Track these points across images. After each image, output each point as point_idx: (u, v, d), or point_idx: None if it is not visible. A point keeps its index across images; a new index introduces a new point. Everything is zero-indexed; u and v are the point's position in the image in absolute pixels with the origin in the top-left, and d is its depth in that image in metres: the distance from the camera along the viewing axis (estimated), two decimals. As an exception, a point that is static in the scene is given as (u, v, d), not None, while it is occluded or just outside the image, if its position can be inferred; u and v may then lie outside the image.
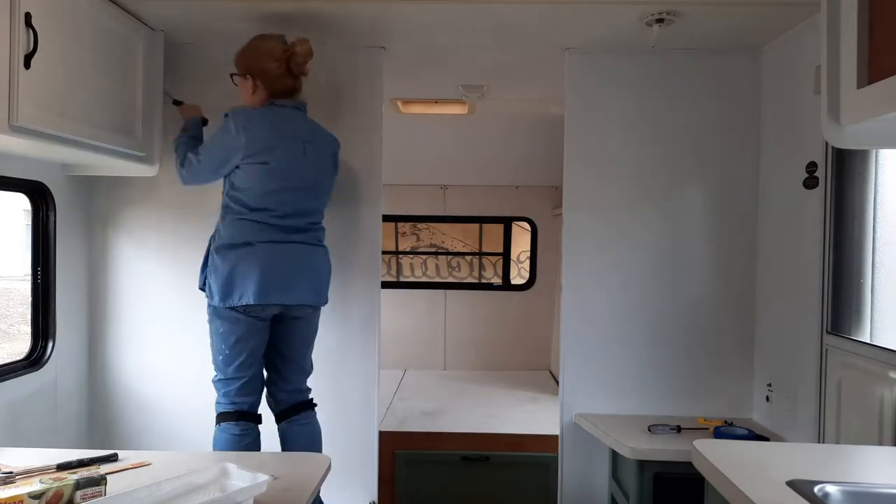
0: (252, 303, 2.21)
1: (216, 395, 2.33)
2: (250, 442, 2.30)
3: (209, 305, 2.30)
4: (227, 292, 2.22)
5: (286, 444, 2.41)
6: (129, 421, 2.78)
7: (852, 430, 2.05)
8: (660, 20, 2.32)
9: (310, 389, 2.50)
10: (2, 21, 1.71)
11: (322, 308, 2.56)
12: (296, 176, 2.30)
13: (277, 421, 2.44)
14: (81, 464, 1.61)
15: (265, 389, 2.44)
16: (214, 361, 2.32)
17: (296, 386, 2.46)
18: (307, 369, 2.50)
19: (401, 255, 5.52)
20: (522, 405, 3.91)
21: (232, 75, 2.41)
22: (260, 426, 2.37)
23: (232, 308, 2.23)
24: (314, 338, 2.51)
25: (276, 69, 2.31)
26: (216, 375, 2.32)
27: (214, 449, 2.28)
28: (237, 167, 2.26)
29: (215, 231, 2.32)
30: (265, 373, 2.44)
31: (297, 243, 2.32)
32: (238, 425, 2.28)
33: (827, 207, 2.20)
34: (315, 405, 2.50)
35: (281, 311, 2.32)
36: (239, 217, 2.27)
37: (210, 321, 2.31)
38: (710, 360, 2.75)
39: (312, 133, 2.40)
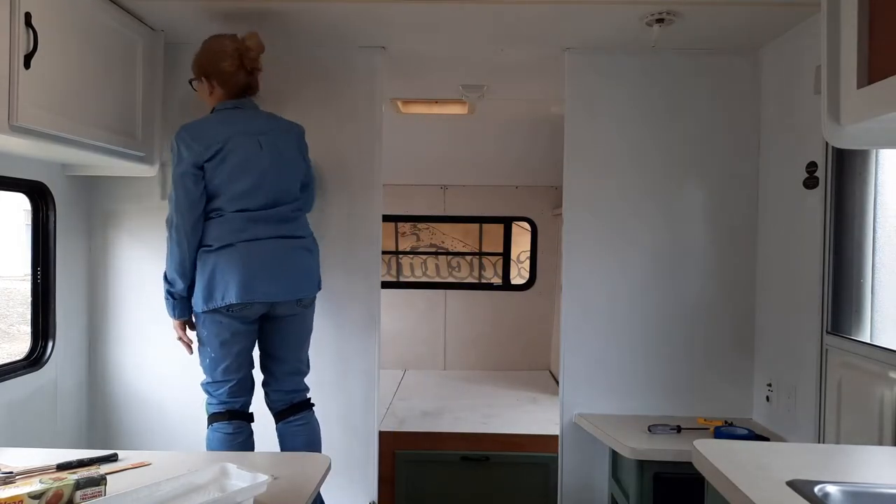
0: (235, 302, 2.19)
1: (206, 397, 2.34)
2: (243, 441, 2.29)
3: (195, 311, 2.30)
4: (208, 295, 2.22)
5: (284, 446, 2.40)
6: (129, 421, 2.78)
7: (852, 430, 2.05)
8: (660, 20, 2.32)
9: (307, 389, 2.48)
10: (2, 21, 1.71)
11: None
12: (257, 170, 2.27)
13: (276, 421, 2.44)
14: (81, 464, 1.61)
15: (264, 390, 2.44)
16: (202, 365, 2.32)
17: (291, 387, 2.43)
18: (302, 369, 2.47)
19: (401, 255, 5.52)
20: (522, 405, 3.91)
21: (190, 81, 2.42)
22: (253, 424, 2.36)
23: (215, 310, 2.22)
24: (307, 337, 2.46)
25: (230, 66, 2.30)
26: (205, 379, 2.33)
27: (208, 449, 2.28)
28: (203, 173, 2.24)
29: None
30: (261, 373, 2.43)
31: (276, 238, 2.29)
32: (231, 424, 2.28)
33: (827, 207, 2.20)
34: (313, 405, 2.49)
35: (266, 311, 2.30)
36: (217, 218, 2.26)
37: (196, 326, 2.32)
38: (710, 360, 2.75)
39: (267, 125, 2.36)
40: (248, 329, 2.30)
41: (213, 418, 2.31)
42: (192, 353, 2.38)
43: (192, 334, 2.39)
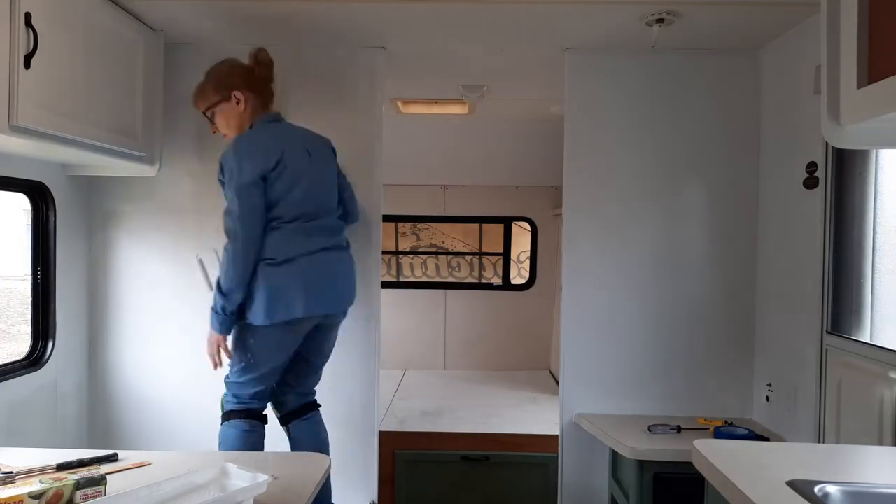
0: (300, 316, 2.21)
1: (224, 393, 2.33)
2: (257, 440, 2.31)
3: (245, 323, 2.23)
4: (272, 309, 2.18)
5: (298, 443, 2.42)
6: (129, 421, 2.78)
7: (852, 430, 2.05)
8: (660, 20, 2.32)
9: (315, 391, 2.54)
10: (2, 21, 1.71)
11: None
12: (308, 180, 2.30)
13: (284, 422, 2.44)
14: (81, 464, 1.61)
15: (279, 390, 2.44)
16: (233, 364, 2.29)
17: (307, 388, 2.50)
18: (321, 372, 2.53)
19: (401, 255, 5.52)
20: (522, 405, 3.90)
21: (205, 113, 2.38)
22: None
23: (274, 325, 2.19)
24: (334, 344, 2.54)
25: (261, 72, 2.36)
26: (231, 377, 2.30)
27: (222, 447, 2.27)
28: (265, 184, 2.22)
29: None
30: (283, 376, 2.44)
31: (329, 249, 2.33)
32: (247, 422, 2.29)
33: (827, 207, 2.20)
34: (319, 405, 2.52)
35: (319, 322, 2.34)
36: (276, 230, 2.24)
37: (240, 332, 2.26)
38: (710, 360, 2.75)
39: (308, 137, 2.41)
40: (297, 340, 2.32)
41: (229, 415, 2.31)
42: (217, 368, 2.31)
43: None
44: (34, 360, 2.47)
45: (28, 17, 1.75)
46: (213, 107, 2.37)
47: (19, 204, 2.53)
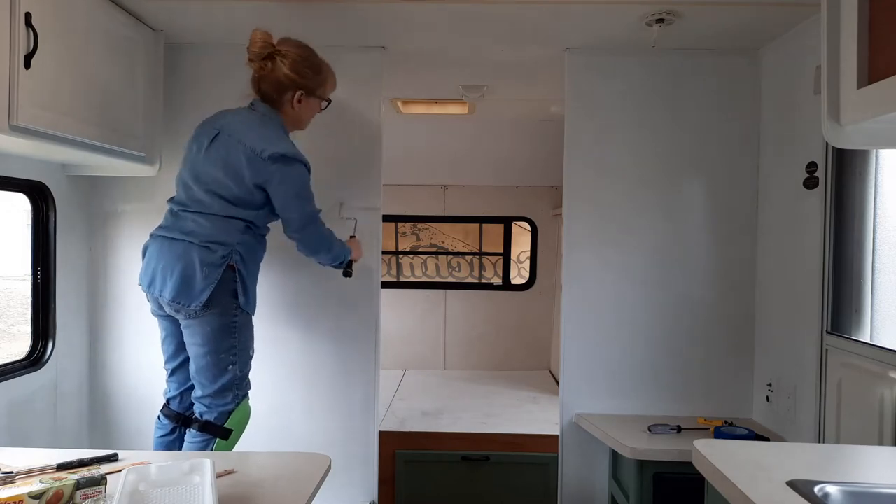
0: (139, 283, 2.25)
1: None
2: (160, 437, 2.30)
3: None
4: None
5: None
6: (129, 421, 2.78)
7: (852, 430, 2.05)
8: (660, 20, 2.32)
9: (202, 408, 2.20)
10: (2, 21, 1.71)
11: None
12: (192, 166, 2.22)
13: None
14: (81, 464, 1.61)
15: None
16: None
17: (195, 396, 2.24)
18: (199, 381, 2.18)
19: (401, 255, 5.52)
20: (522, 405, 3.90)
21: (293, 89, 2.28)
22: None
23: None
24: (200, 351, 2.16)
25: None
26: None
27: None
28: None
29: None
30: None
31: (163, 237, 2.20)
32: (159, 417, 2.33)
33: (827, 207, 2.20)
34: (193, 426, 2.20)
35: (167, 309, 2.20)
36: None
37: None
38: (710, 360, 2.75)
39: (236, 129, 2.19)
40: (163, 321, 2.29)
41: None
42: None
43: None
44: (34, 360, 2.47)
45: (28, 17, 1.75)
46: (302, 93, 2.27)
47: (19, 204, 2.53)
